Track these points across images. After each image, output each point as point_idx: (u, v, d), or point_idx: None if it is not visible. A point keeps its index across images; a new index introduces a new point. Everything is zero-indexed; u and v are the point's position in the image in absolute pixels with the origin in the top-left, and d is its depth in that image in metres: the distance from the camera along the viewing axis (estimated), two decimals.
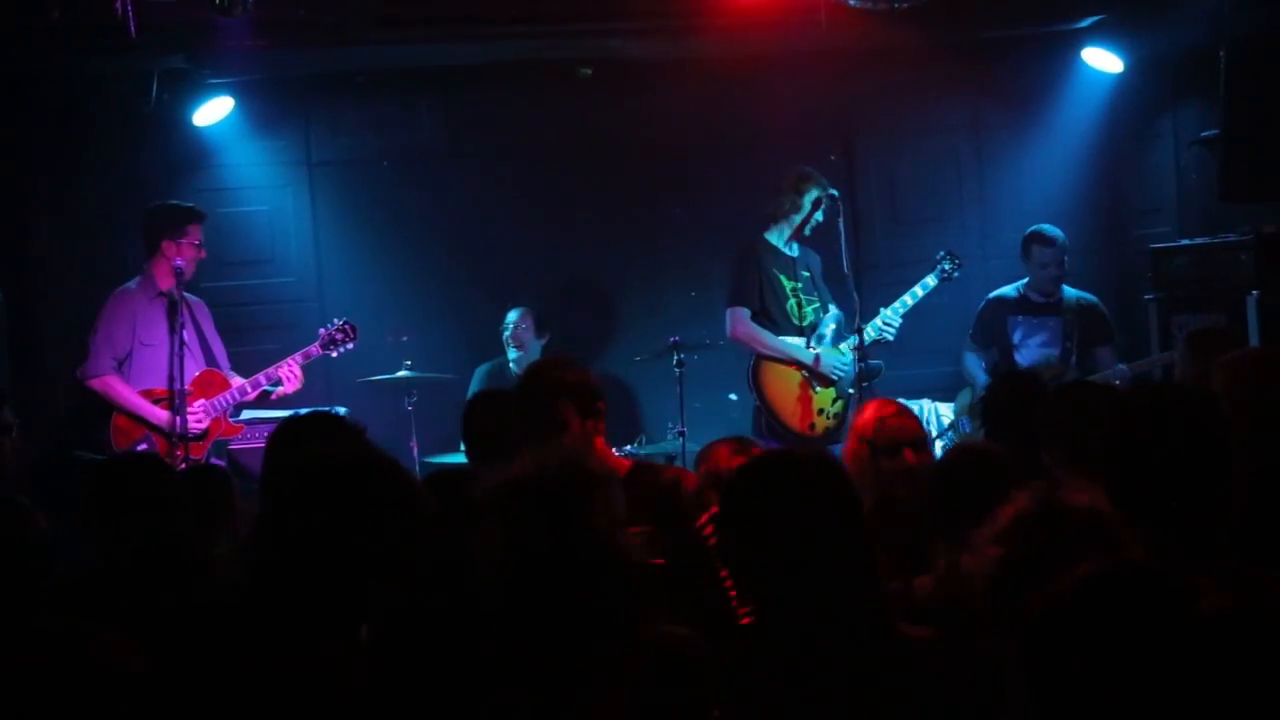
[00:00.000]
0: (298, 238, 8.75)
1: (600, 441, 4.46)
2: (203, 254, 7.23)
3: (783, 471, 2.84)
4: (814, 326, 7.24)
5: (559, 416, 4.23)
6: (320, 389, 7.28)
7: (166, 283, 7.07)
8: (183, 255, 7.11)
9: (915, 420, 4.70)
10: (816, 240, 7.40)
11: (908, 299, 7.32)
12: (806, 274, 7.28)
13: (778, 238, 7.31)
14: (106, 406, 7.06)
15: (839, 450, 7.06)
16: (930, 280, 7.39)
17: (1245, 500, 2.97)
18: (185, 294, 7.19)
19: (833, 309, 7.31)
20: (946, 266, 7.42)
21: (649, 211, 8.83)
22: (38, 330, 8.25)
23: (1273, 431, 3.65)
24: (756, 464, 2.95)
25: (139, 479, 4.20)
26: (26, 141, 8.27)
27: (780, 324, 7.24)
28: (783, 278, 7.25)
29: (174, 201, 7.42)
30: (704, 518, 3.76)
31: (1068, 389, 4.72)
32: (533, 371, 4.46)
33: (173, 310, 6.93)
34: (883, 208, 8.98)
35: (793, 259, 7.29)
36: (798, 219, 7.24)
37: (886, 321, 7.23)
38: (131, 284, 7.10)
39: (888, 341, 7.26)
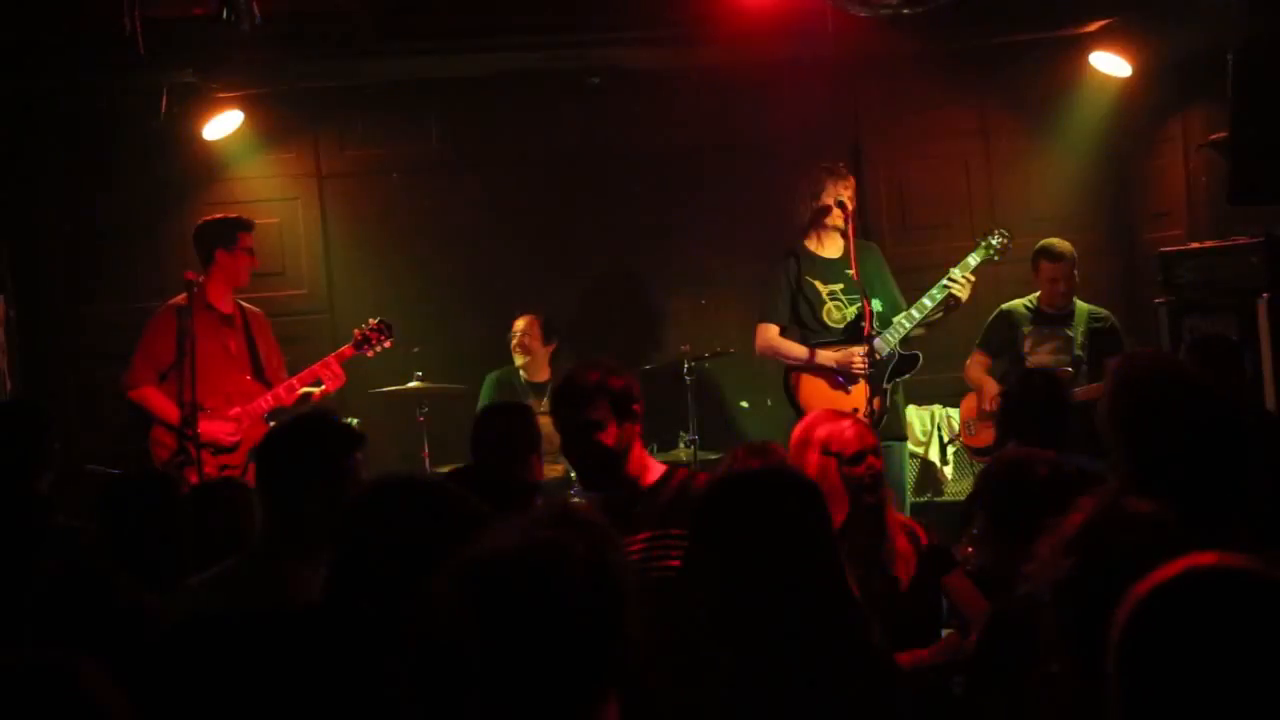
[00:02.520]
0: (308, 250, 8.78)
1: (637, 445, 4.45)
2: (256, 261, 7.34)
3: (752, 490, 2.86)
4: (852, 328, 7.12)
5: (594, 418, 4.19)
6: (333, 399, 7.29)
7: (221, 292, 7.23)
8: (238, 263, 7.23)
9: (868, 427, 4.78)
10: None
11: (957, 271, 7.18)
12: (850, 273, 7.11)
13: (815, 243, 7.27)
14: (139, 421, 7.11)
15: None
16: (972, 259, 7.29)
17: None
18: (243, 304, 7.37)
19: (876, 304, 7.14)
20: (994, 242, 7.28)
21: (657, 220, 8.83)
22: (49, 345, 8.29)
23: None
24: (726, 482, 2.95)
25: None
26: (36, 157, 8.31)
27: (816, 330, 7.20)
28: (817, 283, 7.22)
29: (220, 215, 7.48)
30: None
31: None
32: (569, 374, 4.40)
33: (183, 322, 6.94)
34: (891, 214, 8.97)
35: (832, 261, 7.20)
36: (828, 220, 7.21)
37: (948, 281, 7.09)
38: (179, 297, 7.14)
39: (956, 302, 7.10)
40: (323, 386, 7.19)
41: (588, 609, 2.11)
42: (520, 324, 8.24)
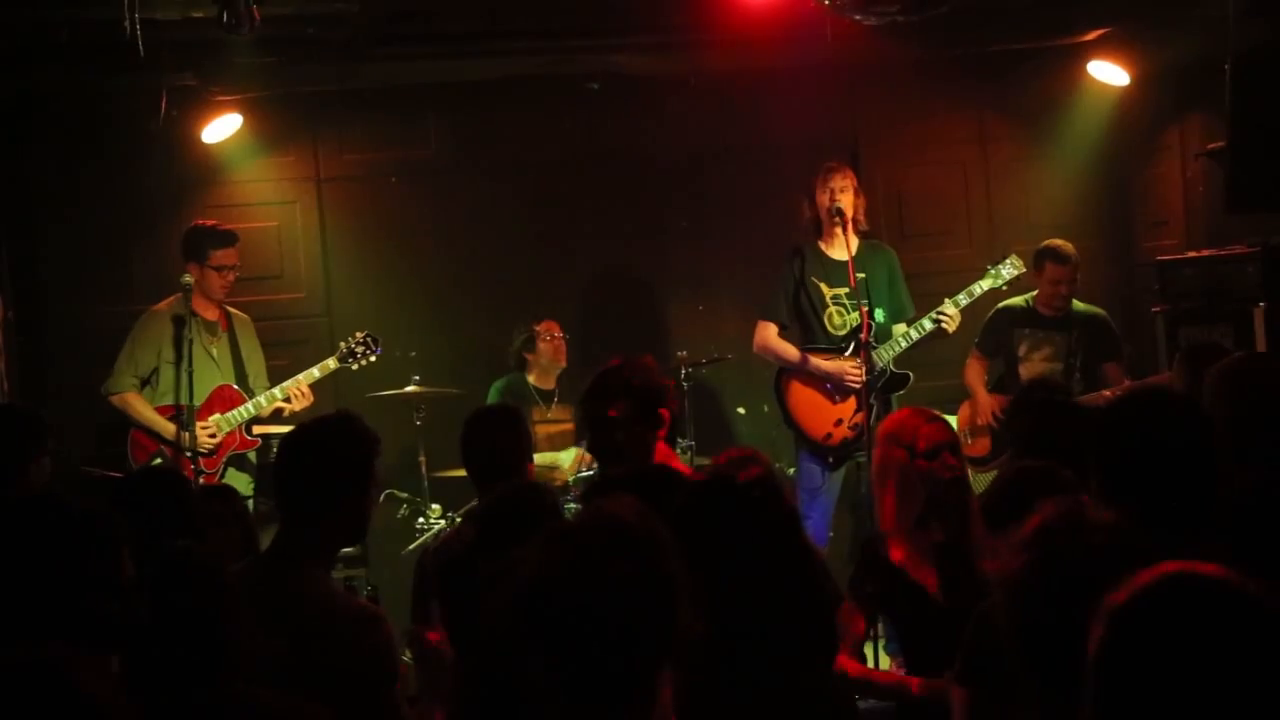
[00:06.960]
0: (306, 253, 8.77)
1: (661, 446, 4.54)
2: (229, 277, 7.34)
3: (720, 495, 2.88)
4: (852, 335, 7.06)
5: (610, 415, 4.38)
6: (328, 403, 7.29)
7: (203, 299, 7.27)
8: (206, 279, 7.26)
9: (948, 425, 4.63)
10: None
11: (962, 297, 7.21)
12: (862, 276, 7.01)
13: (826, 243, 7.22)
14: (124, 422, 7.21)
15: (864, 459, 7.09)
16: (978, 287, 7.27)
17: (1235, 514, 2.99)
18: (230, 310, 7.45)
19: (879, 314, 7.09)
20: (1005, 273, 7.29)
21: (656, 226, 8.84)
22: (48, 348, 8.29)
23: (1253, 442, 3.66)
24: (695, 489, 2.96)
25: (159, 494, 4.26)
26: (36, 160, 8.31)
27: (816, 334, 7.19)
28: (823, 286, 7.18)
29: (211, 223, 7.52)
30: None
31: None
32: (603, 369, 4.56)
33: (177, 328, 7.11)
34: (889, 221, 8.96)
35: (840, 263, 7.07)
36: (826, 219, 7.12)
37: (938, 315, 7.09)
38: (163, 303, 7.26)
39: (944, 333, 7.11)
40: (291, 404, 7.23)
41: (640, 623, 2.22)
42: (556, 327, 8.18)
